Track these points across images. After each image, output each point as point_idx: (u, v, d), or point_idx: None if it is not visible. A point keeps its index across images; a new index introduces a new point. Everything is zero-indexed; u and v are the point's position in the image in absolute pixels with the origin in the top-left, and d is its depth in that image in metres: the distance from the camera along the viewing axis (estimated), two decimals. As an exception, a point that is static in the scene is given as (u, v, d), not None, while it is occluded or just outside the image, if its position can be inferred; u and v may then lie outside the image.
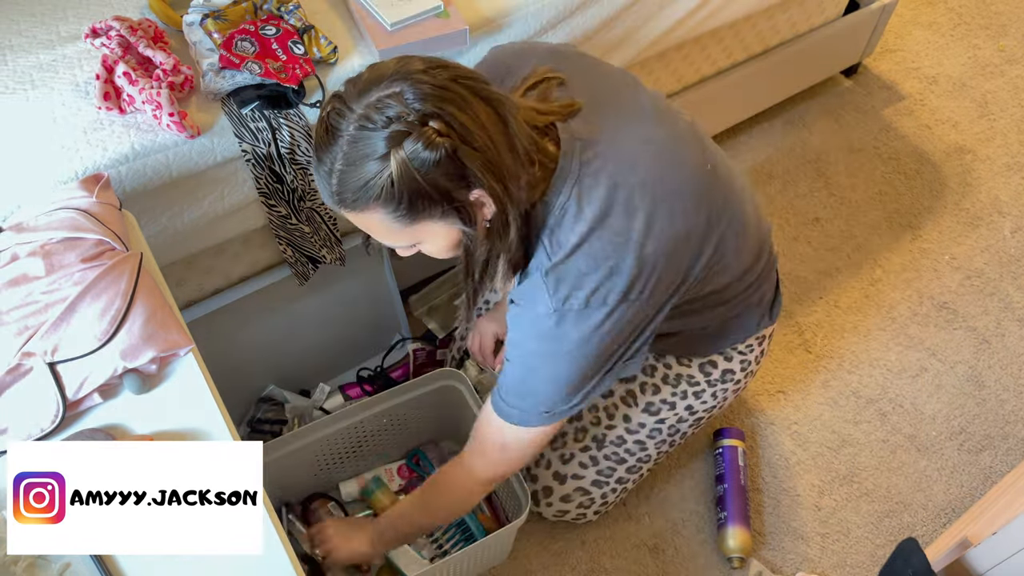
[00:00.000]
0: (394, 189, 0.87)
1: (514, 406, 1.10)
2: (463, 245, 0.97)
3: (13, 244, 1.02)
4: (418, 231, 0.93)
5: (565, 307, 1.00)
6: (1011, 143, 2.19)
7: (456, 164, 0.87)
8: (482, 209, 0.93)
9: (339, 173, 0.88)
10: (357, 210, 0.90)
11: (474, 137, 0.87)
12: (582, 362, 1.04)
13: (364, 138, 0.86)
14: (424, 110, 0.85)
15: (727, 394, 1.42)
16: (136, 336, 0.94)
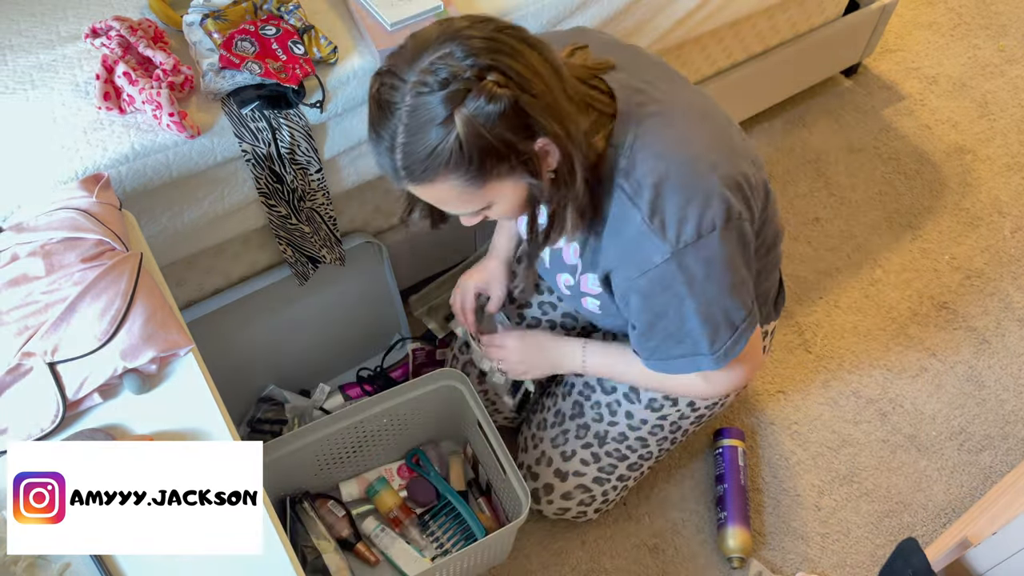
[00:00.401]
0: (463, 150, 0.85)
1: (684, 355, 1.09)
2: (530, 198, 0.96)
3: (13, 244, 1.02)
4: (489, 192, 0.92)
5: (680, 245, 0.98)
6: (1011, 143, 2.19)
7: (519, 114, 0.86)
8: (547, 159, 0.92)
9: (403, 147, 0.87)
10: (427, 181, 0.89)
11: (532, 84, 0.86)
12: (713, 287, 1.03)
13: (423, 105, 0.84)
14: (480, 64, 0.84)
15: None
16: (136, 336, 0.94)
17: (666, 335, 1.08)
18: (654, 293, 1.03)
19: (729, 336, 1.08)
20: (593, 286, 1.15)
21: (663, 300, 1.03)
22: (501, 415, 1.56)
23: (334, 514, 1.50)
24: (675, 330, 1.07)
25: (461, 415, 1.51)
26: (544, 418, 1.46)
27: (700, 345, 1.08)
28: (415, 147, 0.86)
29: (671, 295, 1.03)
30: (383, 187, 1.53)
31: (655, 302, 1.04)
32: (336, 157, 1.36)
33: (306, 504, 1.48)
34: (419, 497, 1.55)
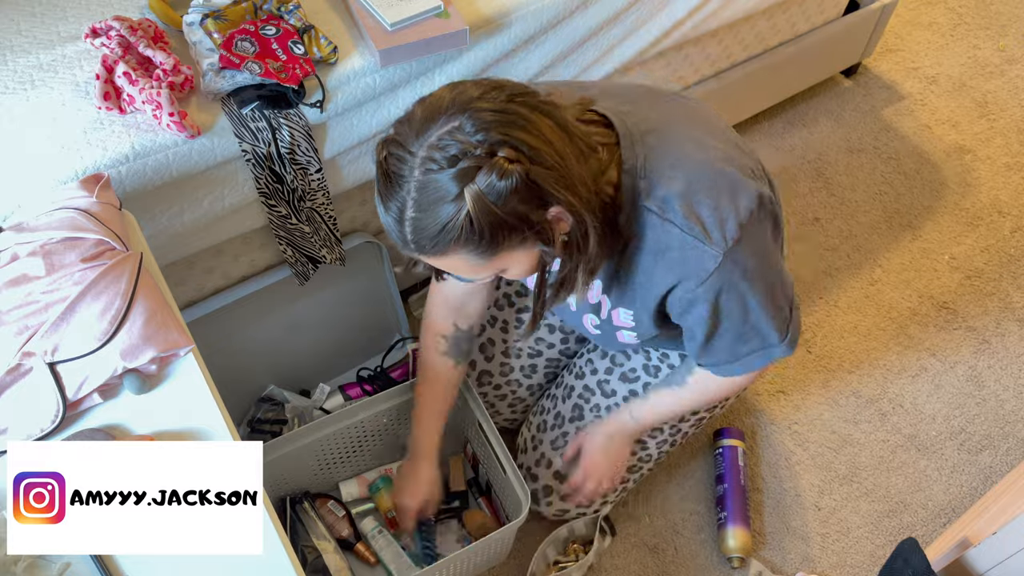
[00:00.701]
0: (473, 227, 0.84)
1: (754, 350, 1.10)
2: (541, 263, 0.96)
3: (13, 244, 1.02)
4: (500, 261, 0.91)
5: (728, 243, 0.97)
6: (1011, 143, 2.19)
7: (531, 187, 0.84)
8: (560, 224, 0.91)
9: (412, 221, 0.86)
10: (438, 254, 0.88)
11: (543, 156, 0.85)
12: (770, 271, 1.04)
13: (432, 182, 0.83)
14: (490, 139, 0.82)
15: (729, 395, 1.42)
16: (136, 336, 0.94)
17: (735, 335, 1.07)
18: (717, 297, 1.01)
19: (790, 316, 1.09)
20: (625, 319, 1.13)
21: (726, 301, 1.02)
22: (501, 416, 1.56)
23: (334, 514, 1.50)
24: (742, 327, 1.06)
25: (461, 415, 1.51)
26: (544, 420, 1.46)
27: (770, 336, 1.08)
28: (425, 222, 0.85)
29: (734, 294, 1.01)
30: (383, 187, 1.53)
31: (719, 305, 1.02)
32: (336, 157, 1.36)
33: (306, 504, 1.48)
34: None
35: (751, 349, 1.09)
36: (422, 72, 1.34)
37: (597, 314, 1.17)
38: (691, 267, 0.99)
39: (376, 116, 1.34)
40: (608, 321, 1.16)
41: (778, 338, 1.08)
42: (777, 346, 1.09)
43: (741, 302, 1.02)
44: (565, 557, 1.49)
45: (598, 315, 1.17)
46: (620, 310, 1.12)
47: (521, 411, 1.55)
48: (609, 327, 1.18)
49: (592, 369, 1.41)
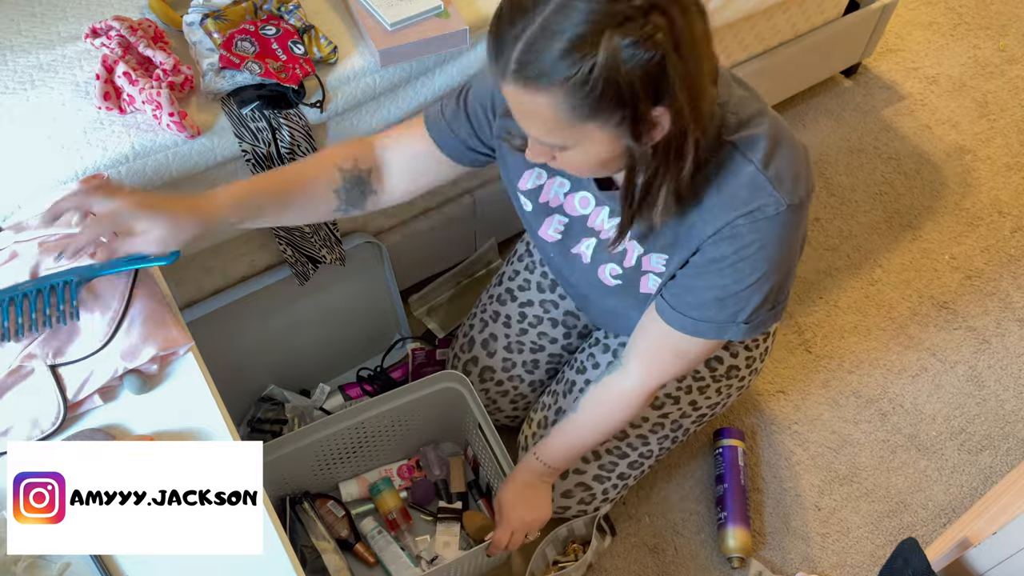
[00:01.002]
0: (590, 76, 0.77)
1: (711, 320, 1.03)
2: (625, 164, 0.89)
3: (12, 243, 1.02)
4: (584, 132, 0.84)
5: (795, 200, 0.94)
6: (1011, 143, 2.19)
7: (659, 71, 0.78)
8: (654, 129, 0.84)
9: (528, 40, 0.78)
10: (534, 88, 0.80)
11: (685, 47, 0.79)
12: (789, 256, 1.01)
13: (576, 10, 0.76)
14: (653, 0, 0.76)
15: (731, 390, 1.42)
16: (136, 336, 0.94)
17: (718, 296, 1.01)
18: (744, 244, 0.96)
19: (770, 310, 1.05)
20: (658, 264, 1.07)
21: (747, 253, 0.97)
22: (503, 413, 1.56)
23: (333, 514, 1.50)
24: (729, 292, 1.01)
25: (462, 416, 1.51)
26: (545, 416, 1.46)
27: (741, 313, 1.03)
28: (543, 46, 0.77)
29: (764, 254, 0.97)
30: (383, 187, 1.53)
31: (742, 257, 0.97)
32: (336, 157, 1.36)
33: (306, 504, 1.48)
34: (420, 498, 1.55)
35: (715, 318, 1.03)
36: (422, 72, 1.34)
37: (620, 263, 1.11)
38: (748, 201, 0.94)
39: (376, 116, 1.34)
40: (635, 268, 1.10)
41: (746, 316, 1.03)
42: (739, 325, 1.04)
43: (753, 264, 0.98)
44: (564, 557, 1.49)
45: (621, 264, 1.11)
46: (653, 256, 1.07)
47: (523, 408, 1.55)
48: (635, 274, 1.11)
49: (594, 364, 1.41)
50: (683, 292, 1.05)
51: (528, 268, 1.48)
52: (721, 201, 0.96)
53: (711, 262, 1.00)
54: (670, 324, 1.07)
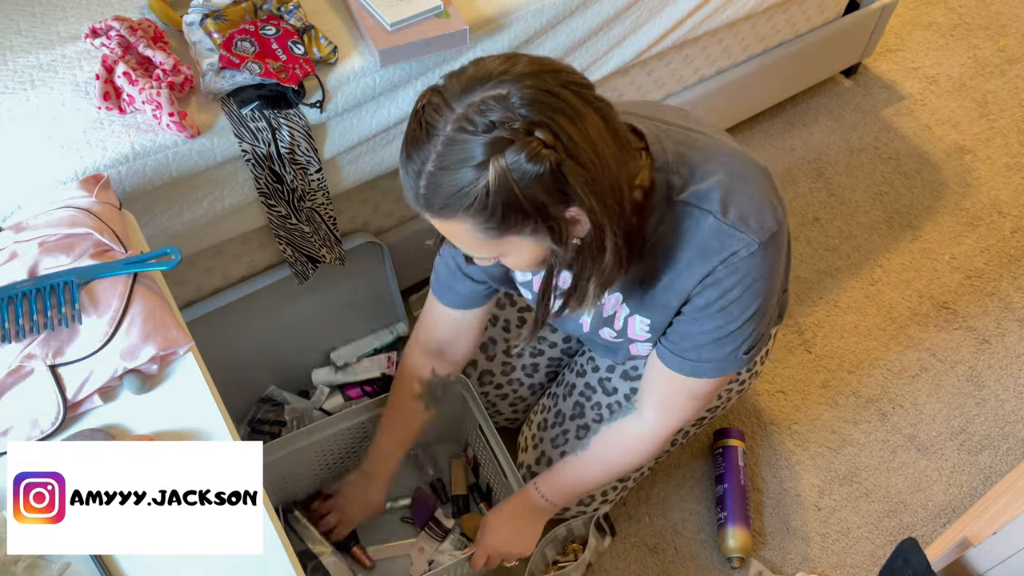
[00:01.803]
0: (488, 200, 0.80)
1: (710, 360, 1.06)
2: (548, 263, 0.92)
3: (11, 243, 1.02)
4: (504, 244, 0.87)
5: (765, 236, 0.96)
6: (1011, 143, 2.19)
7: (558, 179, 0.80)
8: (575, 227, 0.87)
9: (429, 176, 0.82)
10: (444, 217, 0.85)
11: (580, 152, 0.81)
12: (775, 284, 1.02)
13: (462, 141, 0.80)
14: (531, 117, 0.78)
15: (731, 394, 1.42)
16: (135, 336, 0.94)
17: (714, 338, 1.04)
18: (728, 288, 0.99)
19: (760, 337, 1.07)
20: (640, 330, 1.11)
21: (733, 296, 0.99)
22: (503, 416, 1.56)
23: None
24: (724, 332, 1.03)
25: (462, 417, 1.51)
26: (544, 419, 1.46)
27: (741, 347, 1.05)
28: (441, 180, 0.82)
29: (743, 289, 0.99)
30: (383, 187, 1.53)
31: (727, 301, 1.00)
32: (336, 157, 1.36)
33: (297, 512, 1.48)
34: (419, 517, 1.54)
35: (715, 357, 1.06)
36: (422, 72, 1.34)
37: (612, 326, 1.15)
38: (720, 252, 0.96)
39: (376, 116, 1.34)
40: (623, 331, 1.15)
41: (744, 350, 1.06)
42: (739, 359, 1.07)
43: (749, 301, 1.00)
44: (564, 557, 1.49)
45: (612, 327, 1.15)
46: (636, 318, 1.10)
47: (523, 410, 1.55)
48: (624, 337, 1.16)
49: (594, 367, 1.41)
50: (680, 339, 1.07)
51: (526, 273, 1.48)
52: (693, 256, 0.98)
53: (700, 309, 1.02)
54: (673, 369, 1.10)
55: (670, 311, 1.05)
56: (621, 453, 1.23)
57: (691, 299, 1.02)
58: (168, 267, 0.97)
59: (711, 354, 1.06)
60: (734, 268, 0.97)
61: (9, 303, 0.94)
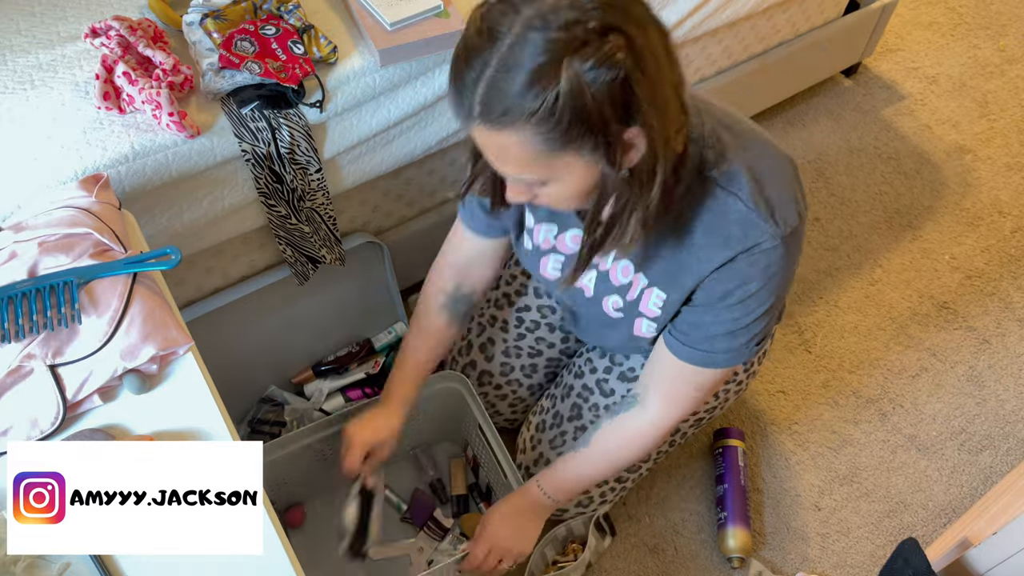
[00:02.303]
0: (556, 105, 0.75)
1: (722, 350, 1.05)
2: (596, 192, 0.88)
3: (11, 243, 1.01)
4: (558, 164, 0.83)
5: (787, 231, 0.95)
6: (1011, 143, 2.19)
7: (625, 91, 0.76)
8: (630, 152, 0.83)
9: (490, 80, 0.77)
10: (501, 127, 0.79)
11: (648, 64, 0.77)
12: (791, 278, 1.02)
13: (531, 41, 0.74)
14: (607, 21, 0.75)
15: (728, 394, 1.42)
16: (135, 335, 0.94)
17: (727, 330, 1.03)
18: (748, 280, 0.97)
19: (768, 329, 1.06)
20: (654, 305, 1.09)
21: (752, 288, 0.98)
22: (502, 417, 1.56)
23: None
24: (739, 324, 1.02)
25: (462, 417, 1.51)
26: (543, 420, 1.46)
27: (753, 339, 1.05)
28: (504, 84, 0.76)
29: (762, 282, 0.98)
30: (383, 187, 1.53)
31: (745, 292, 0.99)
32: (336, 157, 1.36)
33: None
34: (418, 517, 1.54)
35: (724, 348, 1.06)
36: (422, 72, 1.34)
37: (623, 295, 1.12)
38: (744, 240, 0.95)
39: (376, 116, 1.34)
40: (634, 304, 1.11)
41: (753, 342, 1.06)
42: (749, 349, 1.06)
43: (761, 296, 1.00)
44: (564, 557, 1.49)
45: (624, 297, 1.12)
46: (654, 291, 1.07)
47: (522, 411, 1.55)
48: (632, 311, 1.13)
49: (591, 368, 1.41)
50: (692, 328, 1.06)
51: (525, 273, 1.47)
52: (715, 241, 0.96)
53: (718, 300, 1.01)
54: (683, 359, 1.09)
55: (684, 290, 1.03)
56: (623, 447, 1.22)
57: (705, 284, 1.00)
58: (168, 267, 0.97)
59: (724, 345, 1.05)
60: (755, 261, 0.96)
61: (9, 303, 0.94)
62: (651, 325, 1.13)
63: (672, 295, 1.06)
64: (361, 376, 1.66)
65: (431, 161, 1.54)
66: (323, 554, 1.51)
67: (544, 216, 1.14)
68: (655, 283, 1.07)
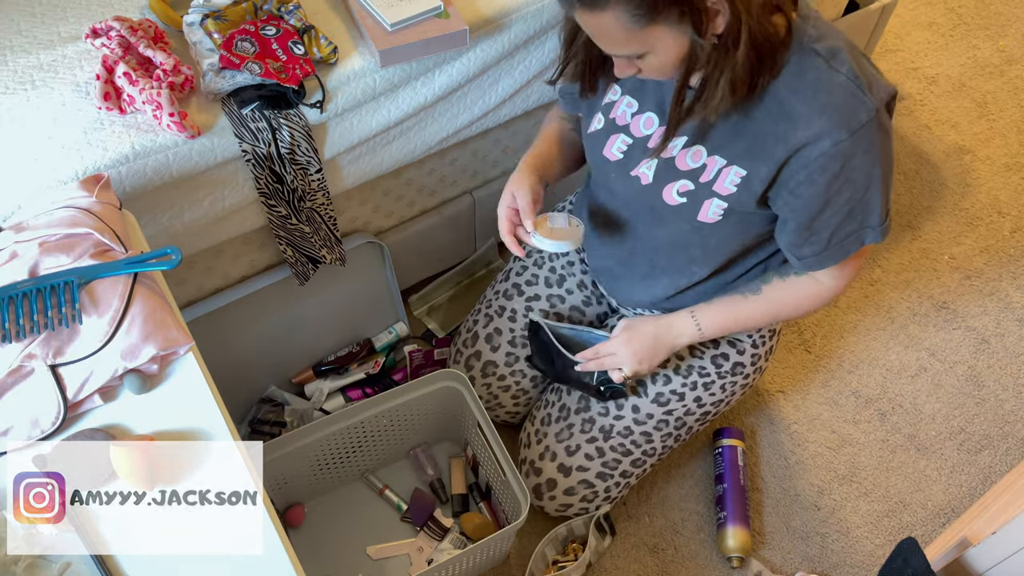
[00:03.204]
0: None
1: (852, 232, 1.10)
2: (687, 58, 0.96)
3: (12, 243, 1.02)
4: (650, 36, 0.93)
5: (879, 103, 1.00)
6: (1011, 143, 2.19)
7: None
8: (715, 20, 0.92)
9: None
10: (596, 9, 0.90)
11: None
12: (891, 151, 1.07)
13: None
14: None
15: (735, 388, 1.42)
16: (136, 335, 0.95)
17: (847, 209, 1.07)
18: (855, 155, 1.02)
19: (890, 204, 1.10)
20: (731, 182, 1.11)
21: (860, 162, 1.03)
22: (504, 410, 1.56)
23: None
24: (856, 202, 1.07)
25: (461, 416, 1.51)
26: (548, 413, 1.46)
27: (872, 216, 1.09)
28: None
29: (869, 157, 1.03)
30: (383, 187, 1.53)
31: (852, 166, 1.03)
32: (336, 157, 1.36)
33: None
34: (417, 517, 1.54)
35: (852, 230, 1.10)
36: (422, 72, 1.34)
37: (694, 179, 1.14)
38: (846, 114, 1.00)
39: (376, 116, 1.34)
40: (707, 185, 1.13)
41: (879, 219, 1.09)
42: (877, 228, 1.10)
43: (870, 168, 1.04)
44: (564, 556, 1.49)
45: (695, 180, 1.14)
46: (733, 168, 1.10)
47: (524, 404, 1.55)
48: (703, 192, 1.14)
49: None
50: (813, 234, 1.11)
51: (536, 263, 1.48)
52: (815, 109, 1.01)
53: (827, 187, 1.05)
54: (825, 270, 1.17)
55: (774, 162, 1.06)
56: (794, 305, 1.25)
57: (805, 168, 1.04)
58: (168, 267, 0.97)
59: (849, 227, 1.10)
60: (858, 137, 1.01)
61: (9, 303, 0.94)
62: (720, 205, 1.14)
63: (759, 169, 1.08)
64: (361, 376, 1.66)
65: (431, 161, 1.54)
66: (323, 554, 1.51)
67: (630, 88, 1.17)
68: (735, 161, 1.10)
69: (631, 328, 1.31)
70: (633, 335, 1.30)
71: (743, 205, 1.13)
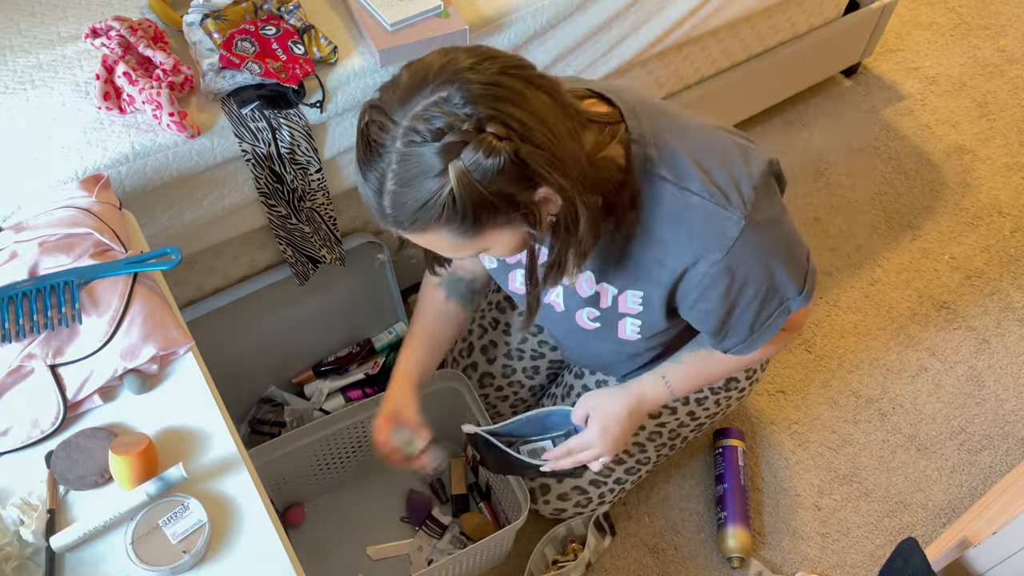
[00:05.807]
0: (456, 205, 0.80)
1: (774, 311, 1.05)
2: (528, 245, 0.92)
3: (11, 243, 1.02)
4: (483, 240, 0.87)
5: (748, 208, 0.95)
6: (1011, 143, 2.19)
7: (519, 166, 0.80)
8: (548, 205, 0.86)
9: (392, 195, 0.81)
10: (417, 231, 0.84)
11: (534, 134, 0.80)
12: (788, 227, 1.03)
13: (415, 155, 0.78)
14: (478, 114, 0.77)
15: (730, 401, 1.42)
16: (136, 335, 0.95)
17: (758, 303, 1.03)
18: (741, 264, 0.98)
19: (807, 267, 1.06)
20: (633, 304, 1.09)
21: (751, 267, 0.99)
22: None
23: None
24: (763, 292, 1.02)
25: (461, 416, 1.51)
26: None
27: (787, 292, 1.04)
28: (404, 197, 0.81)
29: (759, 258, 0.99)
30: (383, 187, 1.53)
31: (744, 273, 0.99)
32: (336, 157, 1.36)
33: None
34: (415, 516, 1.54)
35: (770, 312, 1.05)
36: (422, 72, 1.34)
37: (596, 306, 1.13)
38: (714, 236, 0.96)
39: (376, 116, 1.34)
40: (612, 309, 1.12)
41: (796, 291, 1.04)
42: (798, 296, 1.05)
43: (766, 265, 1.00)
44: (563, 556, 1.49)
45: (597, 306, 1.13)
46: (628, 293, 1.08)
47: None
48: (612, 316, 1.13)
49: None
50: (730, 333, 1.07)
51: None
52: (680, 237, 0.97)
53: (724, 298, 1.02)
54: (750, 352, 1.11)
55: (662, 285, 1.03)
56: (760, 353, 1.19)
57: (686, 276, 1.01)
58: (168, 267, 0.97)
59: (767, 311, 1.05)
60: (735, 253, 0.97)
61: (9, 303, 0.94)
62: (635, 323, 1.12)
63: (650, 291, 1.06)
64: (361, 376, 1.66)
65: (431, 161, 1.54)
66: (323, 554, 1.51)
67: None
68: (626, 287, 1.08)
69: (603, 416, 1.21)
70: (608, 424, 1.20)
71: (655, 322, 1.10)
